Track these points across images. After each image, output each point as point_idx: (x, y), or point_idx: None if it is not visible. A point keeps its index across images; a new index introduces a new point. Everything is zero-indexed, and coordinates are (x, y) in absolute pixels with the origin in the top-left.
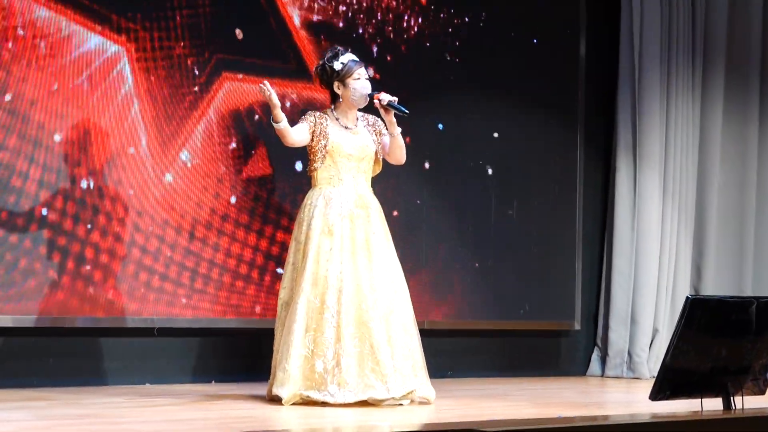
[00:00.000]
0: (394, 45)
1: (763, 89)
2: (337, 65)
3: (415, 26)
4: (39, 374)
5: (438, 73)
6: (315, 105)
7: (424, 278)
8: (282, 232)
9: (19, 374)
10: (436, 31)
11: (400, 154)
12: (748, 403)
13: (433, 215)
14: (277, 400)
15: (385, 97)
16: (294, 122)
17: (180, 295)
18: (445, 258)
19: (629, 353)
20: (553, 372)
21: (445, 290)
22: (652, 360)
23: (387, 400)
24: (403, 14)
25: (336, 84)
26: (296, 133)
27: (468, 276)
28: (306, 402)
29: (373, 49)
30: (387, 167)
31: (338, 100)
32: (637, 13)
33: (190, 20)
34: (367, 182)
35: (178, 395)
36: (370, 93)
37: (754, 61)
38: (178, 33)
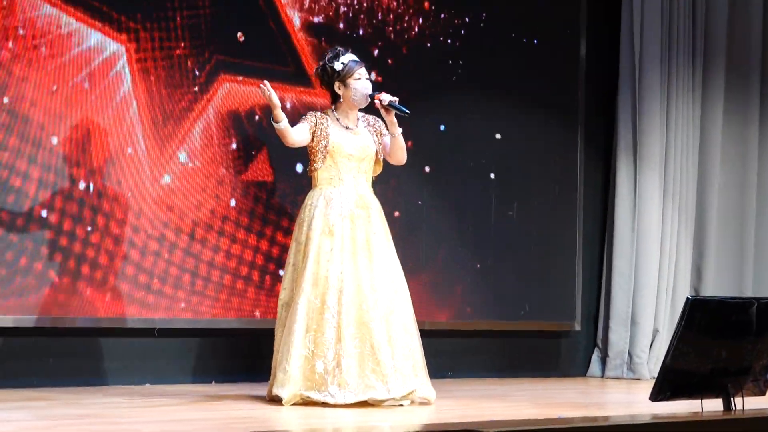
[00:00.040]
0: (394, 46)
1: (764, 90)
2: (338, 65)
3: (415, 27)
4: (39, 374)
5: (438, 73)
6: (314, 109)
7: (425, 278)
8: (282, 233)
9: (19, 374)
10: (437, 32)
11: (400, 155)
12: (748, 404)
13: (433, 216)
14: (278, 401)
15: (386, 97)
16: (293, 124)
17: (180, 296)
18: (445, 258)
19: (629, 354)
20: (554, 373)
21: (446, 290)
22: (652, 361)
23: (387, 401)
24: (404, 15)
25: (337, 84)
26: (297, 133)
27: (468, 276)
28: (306, 402)
29: (374, 51)
30: (387, 168)
31: (339, 100)
32: (638, 14)
33: (191, 21)
34: (368, 182)
35: (178, 395)
36: (370, 93)
37: (755, 62)
38: (178, 33)
